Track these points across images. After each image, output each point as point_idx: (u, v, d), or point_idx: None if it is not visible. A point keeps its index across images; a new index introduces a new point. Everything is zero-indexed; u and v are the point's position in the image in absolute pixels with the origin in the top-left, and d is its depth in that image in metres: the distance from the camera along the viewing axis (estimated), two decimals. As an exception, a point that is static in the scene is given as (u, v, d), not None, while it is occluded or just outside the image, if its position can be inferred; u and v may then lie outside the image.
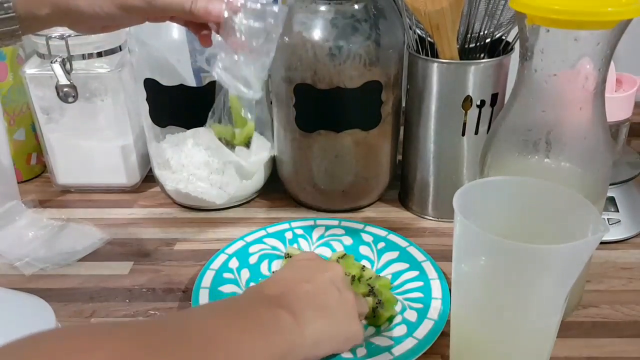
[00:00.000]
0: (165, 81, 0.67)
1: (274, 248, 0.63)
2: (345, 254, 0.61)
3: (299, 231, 0.65)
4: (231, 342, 0.36)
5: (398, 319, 0.53)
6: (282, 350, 0.39)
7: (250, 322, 0.39)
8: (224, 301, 0.46)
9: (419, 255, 0.60)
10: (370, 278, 0.57)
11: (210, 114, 0.53)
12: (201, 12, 0.47)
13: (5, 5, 0.45)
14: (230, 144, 0.54)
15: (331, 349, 0.45)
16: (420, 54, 0.64)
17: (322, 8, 0.63)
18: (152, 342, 0.32)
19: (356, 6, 0.63)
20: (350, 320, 0.46)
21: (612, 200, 0.65)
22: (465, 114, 0.63)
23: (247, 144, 0.53)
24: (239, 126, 0.52)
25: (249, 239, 0.64)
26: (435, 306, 0.53)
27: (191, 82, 0.67)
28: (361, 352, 0.48)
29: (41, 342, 0.30)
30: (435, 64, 0.62)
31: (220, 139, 0.54)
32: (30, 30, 0.49)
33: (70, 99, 0.69)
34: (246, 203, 0.75)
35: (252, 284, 0.58)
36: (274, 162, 0.76)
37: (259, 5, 0.48)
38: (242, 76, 0.49)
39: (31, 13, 0.46)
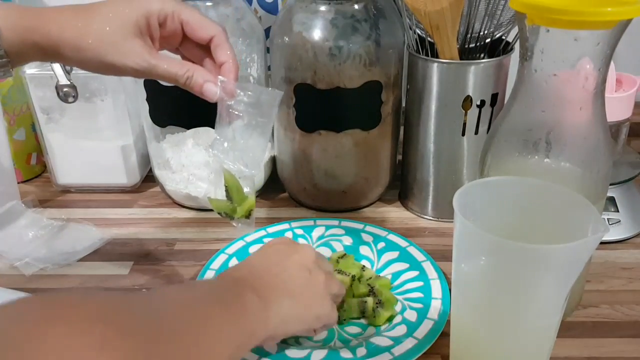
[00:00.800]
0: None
1: (274, 248, 0.63)
2: (345, 254, 0.61)
3: (299, 231, 0.65)
4: (198, 325, 0.36)
5: (398, 319, 0.53)
6: (248, 330, 0.41)
7: (216, 304, 0.40)
8: (190, 284, 0.47)
9: (419, 255, 0.60)
10: (370, 278, 0.57)
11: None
12: (195, 89, 0.48)
13: None
14: (229, 217, 0.55)
15: (301, 328, 0.46)
16: (420, 54, 0.64)
17: (322, 8, 0.63)
18: (118, 327, 0.30)
19: (356, 6, 0.63)
20: (319, 299, 0.47)
21: (612, 200, 0.65)
22: (465, 114, 0.63)
23: (248, 216, 0.55)
24: (237, 202, 0.54)
25: (249, 239, 0.64)
26: (435, 306, 0.53)
27: (191, 82, 0.67)
28: (361, 352, 0.48)
29: (25, 321, 0.28)
30: (435, 64, 0.62)
31: (219, 214, 0.55)
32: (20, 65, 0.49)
33: (70, 99, 0.69)
34: (246, 203, 0.75)
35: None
36: (274, 162, 0.76)
37: (255, 87, 0.50)
38: (240, 156, 0.51)
39: (19, 57, 0.47)
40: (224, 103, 0.49)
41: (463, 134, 0.64)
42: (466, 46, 0.64)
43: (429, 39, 0.64)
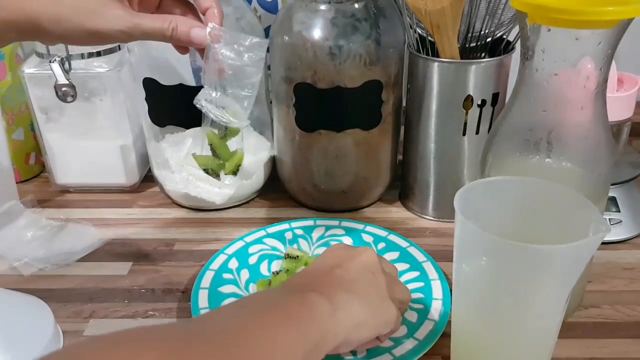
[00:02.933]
0: (165, 80, 0.67)
1: (273, 248, 0.63)
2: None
3: (299, 231, 0.65)
4: (264, 338, 0.35)
5: (398, 319, 0.52)
6: (316, 337, 0.37)
7: (280, 313, 0.37)
8: (252, 297, 0.44)
9: (420, 256, 0.60)
10: None
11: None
12: (183, 38, 0.47)
13: None
14: (215, 174, 0.53)
15: (371, 334, 0.43)
16: (420, 53, 0.64)
17: (322, 7, 0.62)
18: (181, 349, 0.31)
19: (356, 5, 0.62)
20: (386, 302, 0.44)
21: (613, 200, 0.65)
22: (466, 113, 0.63)
23: (235, 172, 0.53)
24: (224, 159, 0.52)
25: (248, 239, 0.64)
26: (436, 307, 0.53)
27: (190, 81, 0.67)
28: (362, 352, 0.48)
29: (79, 355, 0.29)
30: (436, 64, 0.62)
31: (205, 170, 0.54)
32: None
33: (69, 99, 0.69)
34: (246, 203, 0.75)
35: (251, 284, 0.58)
36: (274, 162, 0.76)
37: (240, 36, 0.49)
38: (227, 107, 0.50)
39: None
40: (210, 50, 0.48)
41: (464, 134, 0.64)
42: (467, 45, 0.64)
43: (429, 38, 0.64)
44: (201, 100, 0.49)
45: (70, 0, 0.44)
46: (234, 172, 0.53)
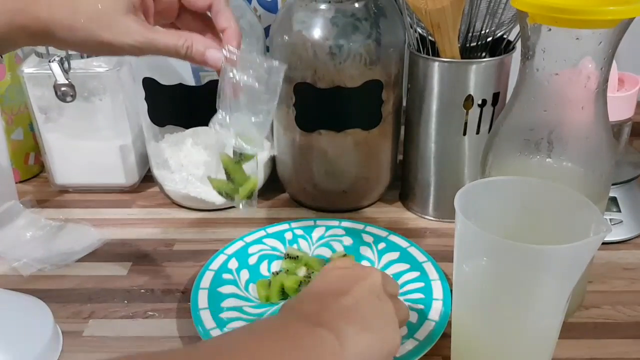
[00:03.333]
0: (164, 80, 0.67)
1: (273, 248, 0.63)
2: (345, 255, 0.61)
3: (299, 231, 0.65)
4: None
5: (398, 320, 0.52)
6: None
7: (290, 344, 0.37)
8: (261, 323, 0.43)
9: (420, 256, 0.60)
10: None
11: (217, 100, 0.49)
12: (197, 58, 0.46)
13: None
14: (230, 197, 0.52)
15: None
16: (421, 53, 0.64)
17: (322, 7, 0.62)
18: None
19: (356, 5, 0.62)
20: (392, 330, 0.42)
21: (614, 200, 0.65)
22: (467, 113, 0.63)
23: (250, 197, 0.52)
24: (238, 183, 0.51)
25: (248, 239, 0.63)
26: (436, 307, 0.53)
27: (190, 81, 0.67)
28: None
29: None
30: (437, 63, 0.62)
31: (220, 194, 0.53)
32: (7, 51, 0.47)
33: (68, 99, 0.69)
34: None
35: (251, 285, 0.58)
36: (274, 162, 0.76)
37: (257, 60, 0.47)
38: (242, 132, 0.48)
39: (6, 43, 0.44)
40: (226, 73, 0.46)
41: (464, 134, 0.64)
42: (467, 45, 0.64)
43: (429, 37, 0.64)
44: (215, 125, 0.48)
45: (86, 10, 0.43)
46: (249, 197, 0.52)
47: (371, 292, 0.43)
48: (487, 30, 0.63)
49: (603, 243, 0.38)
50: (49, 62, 0.67)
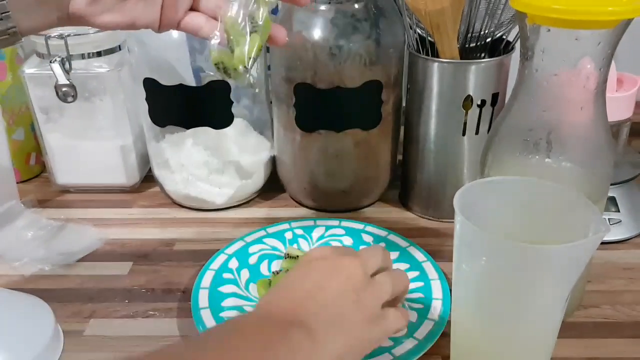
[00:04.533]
0: (165, 81, 0.67)
1: (273, 248, 0.63)
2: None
3: (299, 231, 0.65)
4: None
5: (398, 319, 0.52)
6: None
7: (262, 345, 0.36)
8: (234, 322, 0.41)
9: (420, 256, 0.60)
10: None
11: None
12: None
13: None
14: (226, 70, 0.46)
15: (359, 357, 0.41)
16: (420, 53, 0.64)
17: (322, 7, 0.62)
18: None
19: (356, 5, 0.63)
20: (369, 325, 0.41)
21: (613, 200, 0.65)
22: (466, 113, 0.63)
23: (246, 67, 0.45)
24: (236, 47, 0.45)
25: (248, 239, 0.64)
26: (436, 306, 0.53)
27: (191, 81, 0.67)
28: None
29: None
30: (436, 64, 0.62)
31: (216, 66, 0.46)
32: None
33: (69, 99, 0.69)
34: (246, 203, 0.75)
35: (251, 284, 0.58)
36: (274, 162, 0.76)
37: None
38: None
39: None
40: None
41: (464, 134, 0.64)
42: (467, 46, 0.64)
43: (429, 38, 0.64)
44: None
45: None
46: (246, 67, 0.45)
47: (349, 285, 0.41)
48: (486, 31, 0.63)
49: (602, 243, 0.38)
50: (50, 62, 0.68)
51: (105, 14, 0.42)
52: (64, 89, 0.68)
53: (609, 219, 0.64)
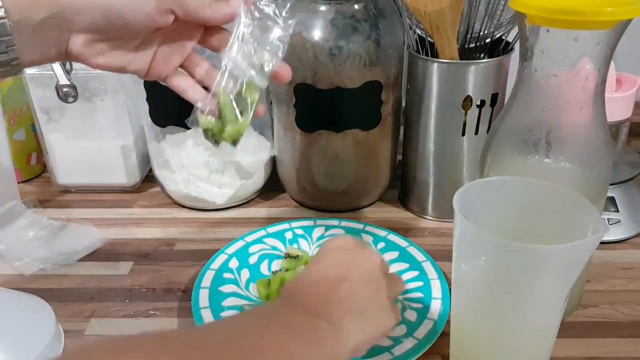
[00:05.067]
0: (165, 81, 0.67)
1: (274, 248, 0.63)
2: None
3: (299, 231, 0.65)
4: (280, 352, 0.35)
5: (398, 319, 0.53)
6: (322, 357, 0.38)
7: (291, 332, 0.38)
8: (260, 309, 0.43)
9: (419, 255, 0.60)
10: None
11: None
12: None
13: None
14: (214, 138, 0.49)
15: (369, 347, 0.43)
16: (420, 54, 0.64)
17: (322, 8, 0.63)
18: (198, 353, 0.31)
19: (356, 6, 0.63)
20: (385, 313, 0.43)
21: (612, 200, 0.65)
22: (465, 114, 0.63)
23: (235, 142, 0.48)
24: (227, 121, 0.48)
25: (249, 239, 0.64)
26: (435, 306, 0.53)
27: (191, 82, 0.67)
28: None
29: (94, 356, 0.29)
30: (435, 64, 0.62)
31: (205, 131, 0.49)
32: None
33: (70, 99, 0.69)
34: (246, 203, 0.75)
35: (252, 284, 0.58)
36: (274, 162, 0.76)
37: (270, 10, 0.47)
38: (254, 62, 0.47)
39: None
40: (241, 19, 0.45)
41: (463, 134, 0.64)
42: (466, 46, 0.64)
43: (429, 39, 0.64)
44: (225, 52, 0.46)
45: None
46: (234, 142, 0.48)
47: (371, 276, 0.43)
48: (485, 32, 0.63)
49: (601, 243, 0.38)
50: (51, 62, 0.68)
51: (99, 56, 0.44)
52: (64, 89, 0.68)
53: (608, 219, 0.64)
